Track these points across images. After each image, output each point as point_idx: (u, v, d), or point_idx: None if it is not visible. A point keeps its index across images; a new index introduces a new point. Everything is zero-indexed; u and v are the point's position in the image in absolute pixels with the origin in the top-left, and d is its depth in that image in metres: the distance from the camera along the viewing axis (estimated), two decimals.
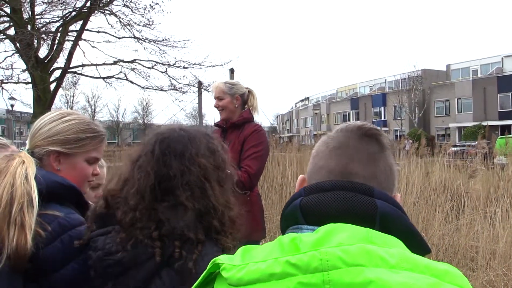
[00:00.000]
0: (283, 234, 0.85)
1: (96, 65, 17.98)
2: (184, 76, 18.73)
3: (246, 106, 3.21)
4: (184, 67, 18.38)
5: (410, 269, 0.67)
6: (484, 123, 35.80)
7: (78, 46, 17.16)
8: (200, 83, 18.61)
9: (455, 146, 19.42)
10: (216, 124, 3.28)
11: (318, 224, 0.79)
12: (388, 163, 0.91)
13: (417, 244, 0.82)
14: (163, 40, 17.83)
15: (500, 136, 19.79)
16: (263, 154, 3.02)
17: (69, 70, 17.56)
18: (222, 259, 0.76)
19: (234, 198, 1.40)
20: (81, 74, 18.76)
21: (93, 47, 17.87)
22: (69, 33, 17.16)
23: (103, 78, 18.61)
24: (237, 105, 3.13)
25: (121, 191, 1.33)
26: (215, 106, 3.16)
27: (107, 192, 1.36)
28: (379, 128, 0.95)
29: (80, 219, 1.40)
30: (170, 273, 1.21)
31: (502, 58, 42.88)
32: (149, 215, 1.25)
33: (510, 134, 30.35)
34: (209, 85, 18.32)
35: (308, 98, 77.78)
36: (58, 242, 1.32)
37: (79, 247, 1.31)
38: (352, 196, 0.81)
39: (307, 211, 0.83)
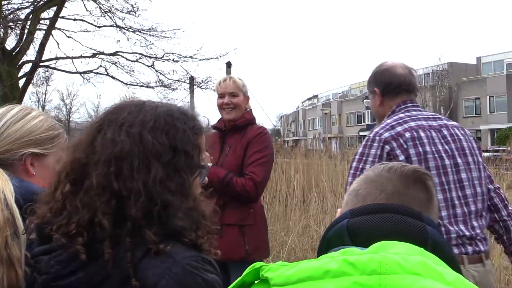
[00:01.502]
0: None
1: (72, 58, 18.02)
2: (173, 71, 18.79)
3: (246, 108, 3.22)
4: (173, 61, 18.43)
5: None
6: None
7: (51, 36, 17.19)
8: (192, 78, 18.63)
9: (487, 151, 19.43)
10: (214, 127, 3.26)
11: (365, 246, 0.84)
12: (437, 208, 1.06)
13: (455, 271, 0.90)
14: (149, 29, 17.89)
15: None
16: (269, 160, 3.05)
17: (40, 64, 17.59)
18: (262, 263, 0.85)
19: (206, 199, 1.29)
20: (54, 68, 18.83)
21: (68, 37, 17.94)
22: (41, 21, 17.19)
23: (80, 73, 18.65)
24: (246, 105, 3.17)
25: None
26: (226, 103, 3.09)
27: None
28: (427, 171, 1.07)
29: None
30: None
31: None
32: (65, 199, 1.16)
33: None
34: (202, 81, 18.37)
35: (316, 96, 77.96)
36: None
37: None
38: (402, 219, 0.91)
39: (354, 232, 0.91)
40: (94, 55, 18.16)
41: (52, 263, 1.15)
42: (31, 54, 17.14)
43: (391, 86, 2.40)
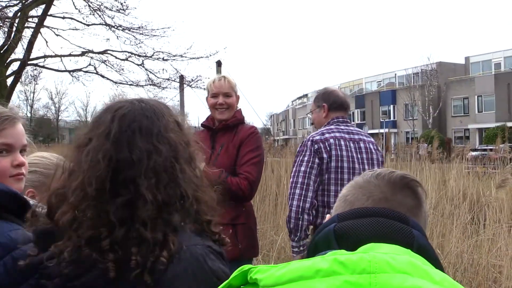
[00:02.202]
0: None
1: (61, 56, 17.89)
2: (163, 70, 18.74)
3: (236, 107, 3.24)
4: (163, 59, 18.38)
5: None
6: (509, 124, 36.17)
7: (39, 34, 17.06)
8: (182, 77, 18.59)
9: (475, 150, 19.58)
10: (203, 125, 3.26)
11: (352, 249, 0.86)
12: (426, 214, 1.06)
13: None
14: (139, 27, 17.81)
15: None
16: (261, 160, 3.08)
17: (29, 62, 17.46)
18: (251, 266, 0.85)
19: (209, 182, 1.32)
20: (43, 66, 18.68)
21: (57, 35, 17.80)
22: (29, 19, 17.06)
23: (69, 71, 18.53)
24: (237, 104, 3.18)
25: (63, 189, 1.21)
26: (220, 104, 3.08)
27: (51, 193, 1.23)
28: (418, 179, 1.08)
29: (26, 235, 1.32)
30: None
31: None
32: (97, 217, 1.13)
33: None
34: (192, 80, 18.34)
35: (306, 95, 77.96)
36: (0, 266, 1.26)
37: (30, 267, 1.21)
38: (389, 222, 0.92)
39: (341, 236, 0.93)
40: (83, 54, 18.05)
41: (64, 265, 1.12)
42: (19, 52, 17.04)
43: (336, 104, 3.20)
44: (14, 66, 17.15)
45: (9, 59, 16.62)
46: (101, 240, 1.11)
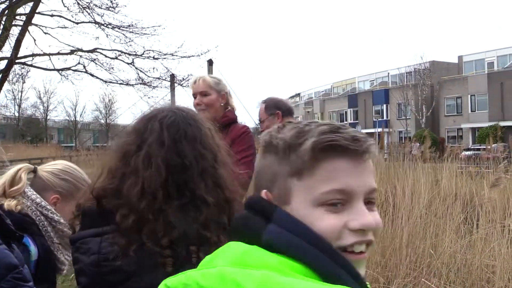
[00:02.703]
0: None
1: (49, 54, 17.84)
2: (154, 68, 18.77)
3: (228, 107, 3.23)
4: (154, 58, 18.37)
5: None
6: (502, 123, 36.41)
7: (27, 32, 16.98)
8: (173, 76, 18.58)
9: (468, 149, 19.71)
10: None
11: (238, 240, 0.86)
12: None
13: (327, 269, 0.80)
14: (129, 26, 17.80)
15: None
16: (254, 159, 3.06)
17: (16, 61, 17.37)
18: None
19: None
20: (31, 65, 18.63)
21: (45, 33, 17.76)
22: (17, 17, 16.98)
23: (58, 70, 18.46)
24: (223, 103, 3.14)
25: (117, 189, 1.28)
26: (197, 103, 3.10)
27: (99, 190, 1.31)
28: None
29: (8, 258, 1.35)
30: None
31: None
32: (157, 218, 1.23)
33: None
34: (183, 79, 18.31)
35: (299, 94, 78.15)
36: None
37: (4, 267, 1.28)
38: (246, 221, 0.86)
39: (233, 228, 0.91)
40: (72, 52, 18.00)
41: (105, 244, 1.22)
42: (6, 50, 16.96)
43: (288, 110, 3.69)
44: (2, 64, 17.11)
45: None
46: (160, 239, 1.21)
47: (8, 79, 19.01)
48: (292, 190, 0.85)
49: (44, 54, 17.81)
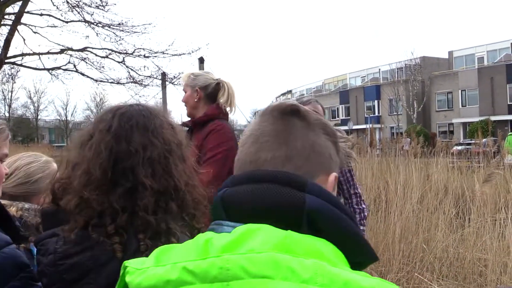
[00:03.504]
0: None
1: (39, 54, 17.70)
2: (145, 67, 18.64)
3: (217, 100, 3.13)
4: (144, 56, 18.27)
5: (325, 285, 0.68)
6: (493, 118, 36.67)
7: (16, 32, 16.84)
8: (164, 74, 18.51)
9: (459, 144, 19.83)
10: (183, 123, 3.26)
11: (240, 221, 0.81)
12: (310, 140, 0.90)
13: (357, 249, 0.82)
14: (119, 24, 17.67)
15: (510, 133, 20.28)
16: (224, 157, 2.90)
17: (6, 61, 17.22)
18: (131, 262, 0.80)
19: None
20: (21, 65, 18.43)
21: (35, 32, 17.59)
22: (6, 16, 16.83)
23: (48, 69, 18.33)
24: (197, 99, 3.08)
25: (69, 179, 1.33)
26: (182, 101, 3.21)
27: (54, 183, 1.36)
28: (298, 104, 0.93)
29: (5, 239, 1.37)
30: None
31: (511, 44, 43.90)
32: (101, 203, 1.25)
33: None
34: (174, 77, 18.26)
35: (290, 91, 78.15)
36: None
37: (14, 266, 1.30)
38: (276, 190, 0.81)
39: (228, 205, 0.84)
40: (62, 51, 17.87)
41: (60, 243, 1.25)
42: None
43: None
44: None
45: None
46: (106, 226, 1.23)
47: None
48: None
49: (34, 54, 17.67)
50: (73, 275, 1.23)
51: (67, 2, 17.00)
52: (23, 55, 17.66)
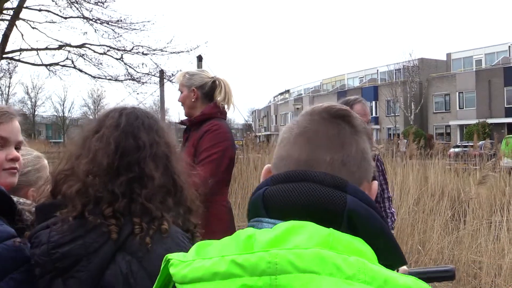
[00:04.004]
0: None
1: (37, 49, 17.64)
2: (143, 64, 18.60)
3: (214, 99, 3.10)
4: (143, 53, 18.24)
5: (367, 282, 0.71)
6: (489, 121, 36.74)
7: (15, 27, 16.79)
8: (162, 72, 18.48)
9: (456, 146, 19.86)
10: (181, 122, 3.27)
11: (280, 219, 0.83)
12: (361, 147, 0.93)
13: (390, 252, 0.86)
14: (118, 21, 17.64)
15: (507, 136, 20.32)
16: (219, 157, 2.91)
17: (4, 56, 17.16)
18: (174, 255, 0.81)
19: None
20: (18, 60, 18.38)
21: (33, 28, 17.54)
22: (4, 11, 16.78)
23: (46, 65, 18.28)
24: (194, 99, 3.06)
25: (72, 169, 1.39)
26: (178, 101, 3.19)
27: (55, 174, 1.42)
28: (348, 108, 0.96)
29: (8, 231, 1.38)
30: (126, 257, 1.29)
31: (509, 47, 44.00)
32: (102, 189, 1.32)
33: None
34: (172, 75, 18.23)
35: (288, 91, 78.16)
36: None
37: (15, 259, 1.32)
38: (319, 189, 0.83)
39: (269, 203, 0.86)
40: (60, 47, 17.82)
41: (53, 233, 1.29)
42: None
43: None
44: None
45: None
46: (103, 210, 1.30)
47: None
48: None
49: (32, 49, 17.62)
50: (65, 263, 1.27)
51: None
52: (21, 50, 17.61)
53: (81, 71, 18.51)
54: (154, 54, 18.24)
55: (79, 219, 1.29)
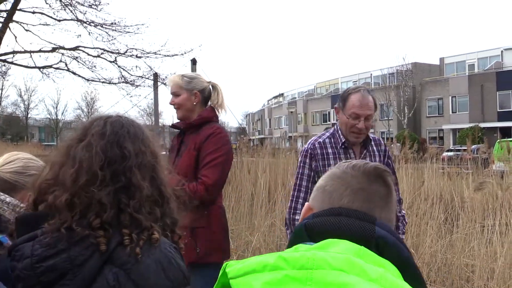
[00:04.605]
0: None
1: (30, 52, 17.60)
2: (137, 67, 18.65)
3: (209, 103, 3.16)
4: (137, 56, 18.24)
5: None
6: (482, 125, 36.91)
7: (8, 29, 16.73)
8: (156, 75, 18.48)
9: (449, 150, 19.95)
10: (173, 126, 3.25)
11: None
12: (395, 199, 1.15)
13: (411, 275, 0.98)
14: (112, 23, 17.64)
15: (499, 140, 20.41)
16: (223, 161, 2.97)
17: None
18: (230, 262, 0.97)
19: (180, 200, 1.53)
20: (11, 62, 18.33)
21: (27, 30, 17.50)
22: None
23: (39, 68, 18.24)
24: (196, 102, 3.08)
25: (56, 178, 1.36)
26: (170, 103, 3.13)
27: (39, 183, 1.38)
28: (387, 168, 1.17)
29: None
30: (113, 269, 1.26)
31: (502, 51, 44.27)
32: (90, 199, 1.29)
33: (511, 137, 31.30)
34: (166, 78, 18.21)
35: (282, 94, 78.28)
36: None
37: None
38: (354, 222, 1.02)
39: (310, 230, 1.04)
40: (53, 50, 17.79)
41: (37, 247, 1.26)
42: None
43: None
44: None
45: None
46: (91, 221, 1.27)
47: None
48: None
49: (25, 52, 17.58)
50: (50, 277, 1.24)
51: (60, 1, 16.97)
52: (14, 52, 17.57)
53: (74, 73, 18.50)
54: (148, 57, 18.27)
55: (66, 231, 1.26)
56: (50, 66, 18.27)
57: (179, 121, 3.20)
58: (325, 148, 2.89)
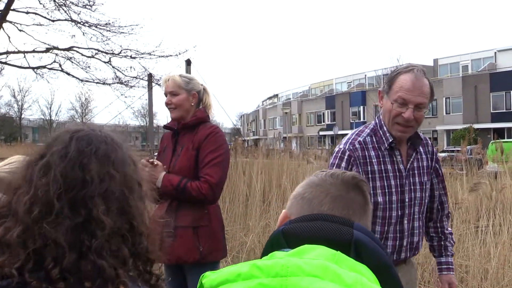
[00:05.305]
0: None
1: (24, 52, 17.53)
2: (131, 68, 18.60)
3: (200, 105, 3.18)
4: (131, 57, 18.21)
5: None
6: (476, 126, 37.09)
7: (1, 29, 16.65)
8: (150, 75, 18.46)
9: (443, 151, 20.01)
10: (166, 126, 3.24)
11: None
12: (371, 212, 1.18)
13: (389, 279, 0.99)
14: (106, 24, 17.60)
15: (493, 141, 20.52)
16: (224, 160, 2.99)
17: None
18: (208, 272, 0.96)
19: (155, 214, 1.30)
20: (5, 63, 18.23)
21: (20, 30, 17.42)
22: None
23: (33, 68, 18.17)
24: (193, 103, 3.10)
25: (9, 205, 1.14)
26: (166, 103, 3.11)
27: None
28: (364, 178, 1.20)
29: None
30: None
31: (495, 53, 44.54)
32: (45, 237, 1.06)
33: (505, 138, 31.44)
34: (160, 78, 18.18)
35: (277, 95, 78.38)
36: None
37: None
38: (331, 225, 1.01)
39: (288, 236, 1.03)
40: (47, 50, 17.74)
41: None
42: None
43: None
44: None
45: None
46: (49, 270, 1.04)
47: None
48: None
49: (19, 52, 17.51)
50: None
51: (54, 1, 16.91)
52: (7, 53, 17.50)
53: (68, 74, 18.45)
54: (142, 57, 18.25)
55: (17, 285, 1.02)
56: (44, 67, 18.21)
57: (170, 121, 3.20)
58: (366, 150, 2.32)
